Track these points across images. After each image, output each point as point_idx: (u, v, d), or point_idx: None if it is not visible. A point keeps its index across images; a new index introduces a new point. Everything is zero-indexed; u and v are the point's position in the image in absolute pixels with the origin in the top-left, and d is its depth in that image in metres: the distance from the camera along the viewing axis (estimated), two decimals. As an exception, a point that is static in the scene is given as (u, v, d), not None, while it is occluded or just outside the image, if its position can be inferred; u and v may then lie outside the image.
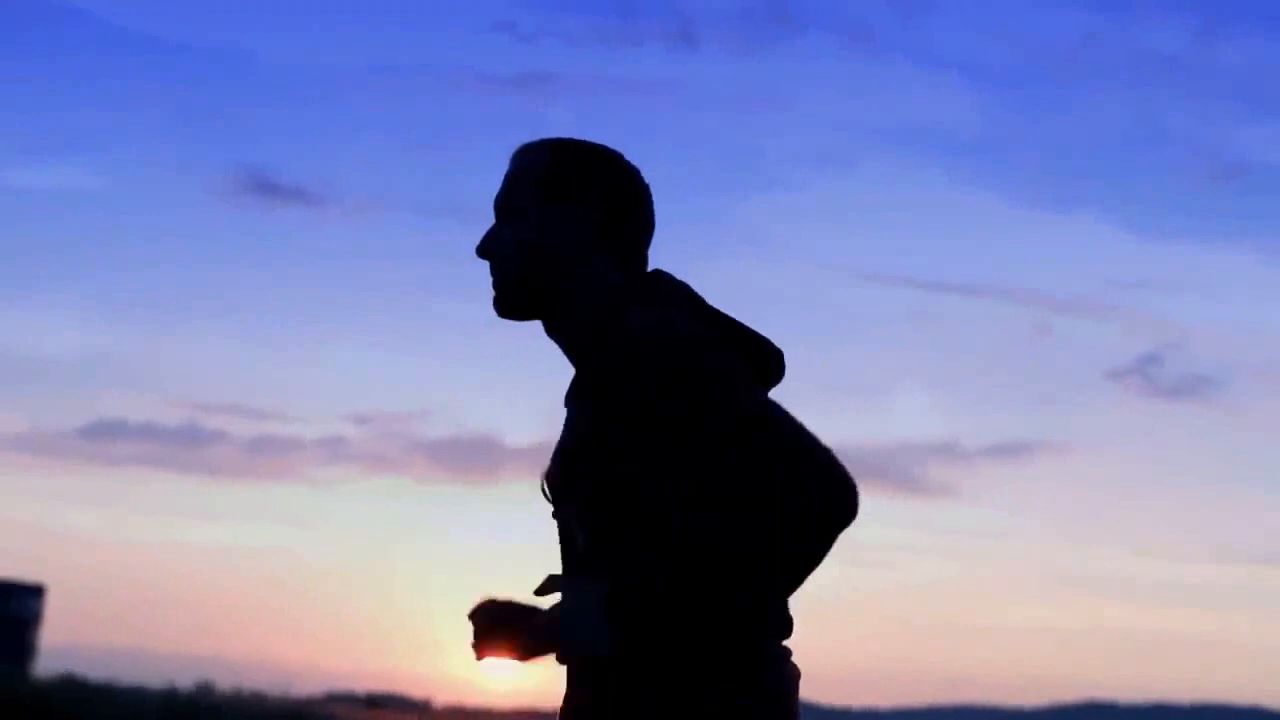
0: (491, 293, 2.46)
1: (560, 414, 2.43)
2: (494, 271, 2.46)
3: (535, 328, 2.49)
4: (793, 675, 2.32)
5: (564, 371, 2.48)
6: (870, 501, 2.26)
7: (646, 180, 2.49)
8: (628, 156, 2.49)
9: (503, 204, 2.47)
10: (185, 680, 23.98)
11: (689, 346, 2.24)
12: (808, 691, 2.33)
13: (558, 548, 2.42)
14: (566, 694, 2.36)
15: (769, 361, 2.40)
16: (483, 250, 2.47)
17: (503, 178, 2.49)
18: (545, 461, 2.43)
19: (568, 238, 2.41)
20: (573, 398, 2.39)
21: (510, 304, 2.45)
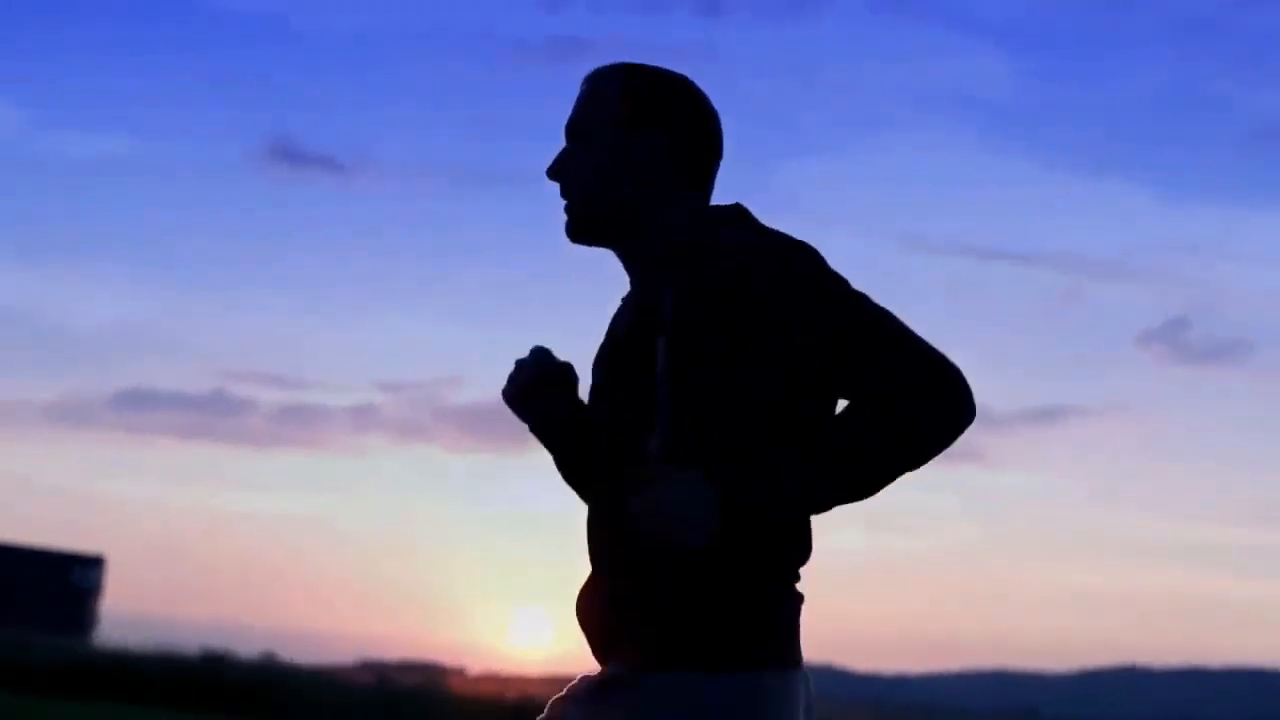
0: (563, 216, 2.47)
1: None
2: (567, 195, 2.46)
3: (557, 293, 2.79)
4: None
5: (594, 337, 2.53)
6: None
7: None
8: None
9: (576, 127, 2.47)
10: (216, 647, 23.72)
11: (798, 251, 2.30)
12: (840, 657, 2.02)
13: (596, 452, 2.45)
14: (595, 581, 2.40)
15: None
16: (555, 172, 2.47)
17: (575, 100, 2.49)
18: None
19: (645, 162, 2.41)
20: (640, 308, 2.40)
21: (586, 228, 2.45)
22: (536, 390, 2.51)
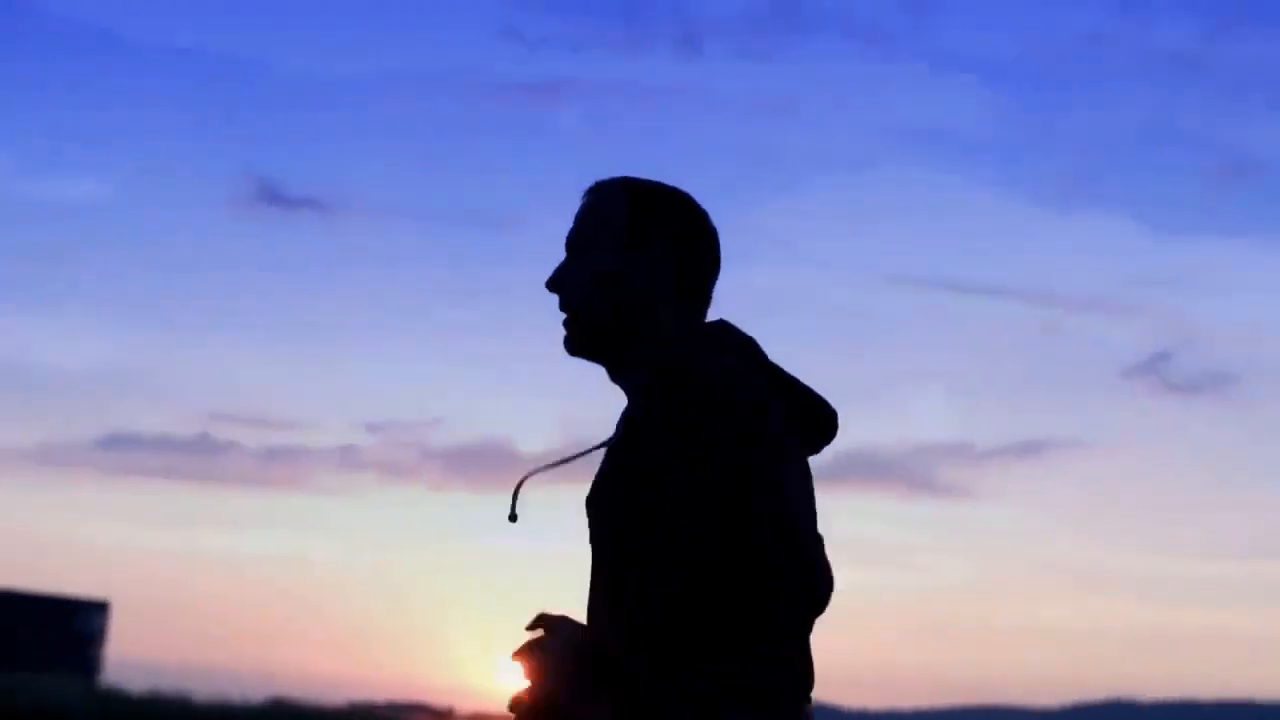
0: (562, 330, 2.44)
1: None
2: (568, 307, 2.44)
3: (542, 333, 2.47)
4: None
5: (578, 380, 2.45)
6: (885, 502, 2.56)
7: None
8: (641, 161, 2.67)
9: (578, 241, 2.45)
10: (204, 691, 23.92)
11: (749, 410, 2.24)
12: (827, 694, 2.35)
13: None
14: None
15: (821, 422, 2.40)
16: (555, 285, 2.45)
17: (576, 214, 2.48)
18: (562, 465, 2.45)
19: (645, 279, 2.40)
20: (621, 429, 2.37)
21: (587, 342, 2.43)
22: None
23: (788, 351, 2.47)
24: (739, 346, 2.39)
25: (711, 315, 2.47)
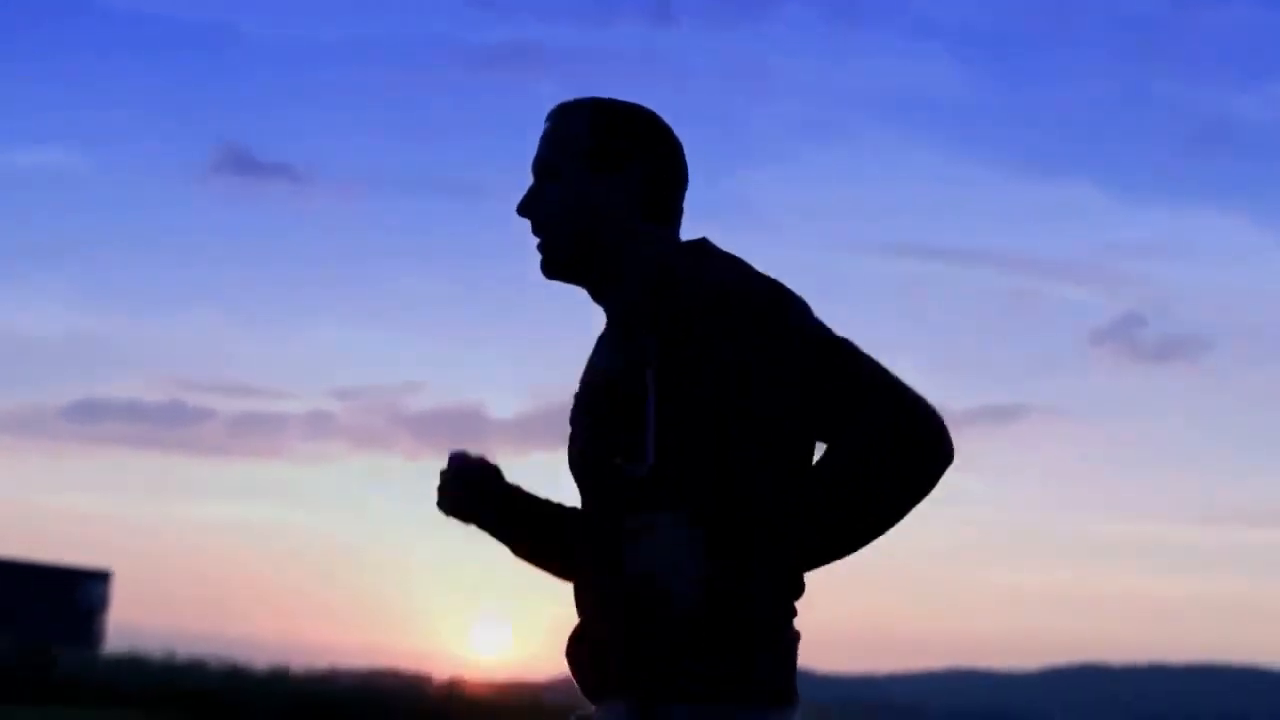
0: (536, 254, 2.43)
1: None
2: (539, 233, 2.42)
3: (512, 300, 2.54)
4: (797, 636, 2.31)
5: (549, 343, 2.72)
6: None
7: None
8: None
9: (544, 165, 2.42)
10: (186, 655, 23.73)
11: (769, 290, 2.26)
12: (803, 659, 2.31)
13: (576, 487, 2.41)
14: (582, 627, 2.35)
15: None
16: (526, 209, 2.42)
17: (541, 137, 2.44)
18: (534, 430, 2.56)
19: (617, 200, 2.38)
20: (619, 346, 2.36)
21: (560, 265, 2.41)
22: (469, 503, 2.47)
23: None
24: (727, 254, 2.37)
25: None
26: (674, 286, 2.31)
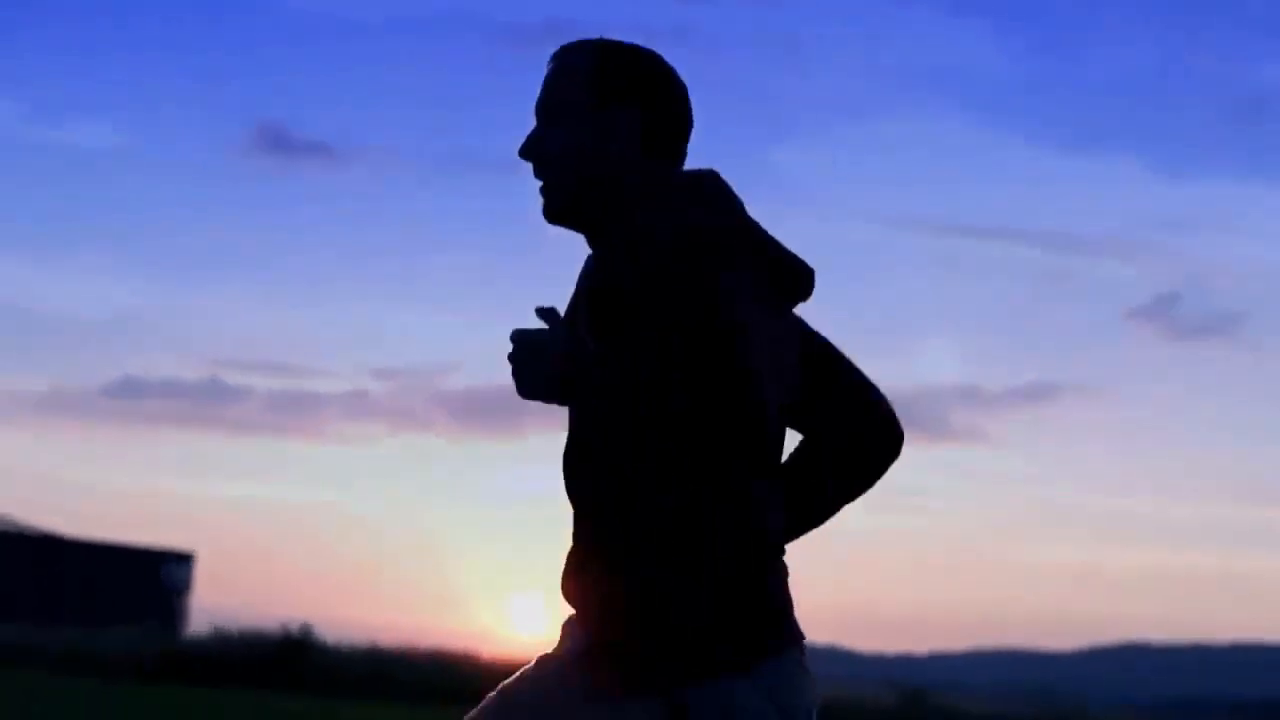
0: (539, 198, 2.39)
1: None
2: (542, 175, 2.37)
3: (551, 278, 2.47)
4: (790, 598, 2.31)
5: None
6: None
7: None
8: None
9: (546, 107, 2.38)
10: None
11: (695, 252, 2.21)
12: (841, 638, 2.42)
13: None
14: (593, 581, 2.32)
15: (796, 279, 2.34)
16: (527, 152, 2.37)
17: (544, 79, 2.40)
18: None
19: (619, 141, 2.33)
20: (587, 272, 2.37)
21: (562, 208, 2.36)
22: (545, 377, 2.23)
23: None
24: (709, 200, 2.31)
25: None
26: (647, 229, 2.28)
